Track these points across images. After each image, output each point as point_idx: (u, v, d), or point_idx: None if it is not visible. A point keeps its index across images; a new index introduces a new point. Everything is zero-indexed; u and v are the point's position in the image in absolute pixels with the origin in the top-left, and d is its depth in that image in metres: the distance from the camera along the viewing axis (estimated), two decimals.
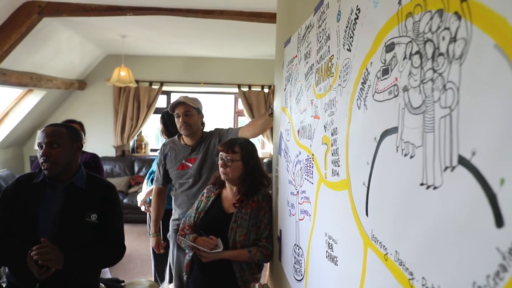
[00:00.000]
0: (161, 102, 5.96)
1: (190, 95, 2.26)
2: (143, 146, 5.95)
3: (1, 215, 1.64)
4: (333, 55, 0.94)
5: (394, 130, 0.60)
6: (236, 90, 5.83)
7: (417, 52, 0.54)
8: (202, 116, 2.27)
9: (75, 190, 1.64)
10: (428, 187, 0.50)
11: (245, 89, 5.77)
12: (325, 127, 0.99)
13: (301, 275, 1.22)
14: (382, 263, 0.62)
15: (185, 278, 1.95)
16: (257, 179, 1.85)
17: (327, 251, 0.93)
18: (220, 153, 1.81)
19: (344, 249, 0.82)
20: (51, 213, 1.58)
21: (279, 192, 1.63)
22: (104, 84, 5.56)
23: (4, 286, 1.68)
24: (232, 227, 1.76)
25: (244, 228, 1.76)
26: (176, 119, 2.21)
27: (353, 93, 0.78)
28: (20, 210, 1.59)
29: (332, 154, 0.92)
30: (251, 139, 2.00)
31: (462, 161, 0.43)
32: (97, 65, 5.62)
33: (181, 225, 1.95)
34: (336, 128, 0.90)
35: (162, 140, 3.10)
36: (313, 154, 1.11)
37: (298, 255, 1.26)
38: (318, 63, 1.08)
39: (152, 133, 6.26)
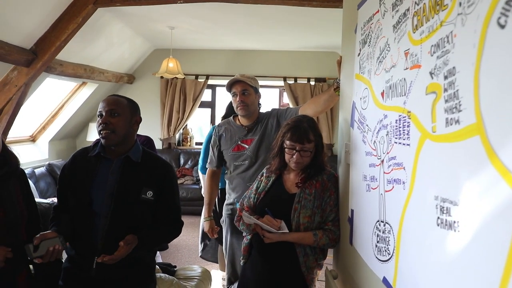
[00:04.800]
0: (207, 95, 5.97)
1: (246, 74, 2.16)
2: (189, 139, 5.99)
3: (62, 192, 1.64)
4: None
5: None
6: (281, 83, 5.70)
7: None
8: (260, 96, 2.17)
9: (131, 164, 1.59)
10: None
11: (291, 81, 5.64)
12: (431, 73, 0.84)
13: (388, 254, 1.06)
14: None
15: (241, 263, 1.85)
16: (321, 157, 1.71)
17: (438, 218, 0.78)
18: (293, 145, 1.62)
19: (472, 210, 0.67)
20: (107, 188, 1.55)
21: (351, 168, 1.48)
22: (151, 78, 5.65)
23: (63, 260, 1.67)
24: (295, 208, 1.63)
25: (308, 210, 1.62)
26: (232, 99, 2.12)
27: (489, 13, 0.63)
28: (76, 185, 1.57)
29: (446, 101, 0.76)
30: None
31: None
32: (145, 59, 5.73)
33: (238, 206, 1.85)
34: (453, 67, 0.74)
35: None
36: (408, 112, 0.96)
37: (383, 232, 1.11)
38: (417, 4, 0.93)
39: (196, 127, 6.29)
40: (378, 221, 1.15)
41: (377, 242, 1.15)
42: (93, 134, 5.18)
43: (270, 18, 3.99)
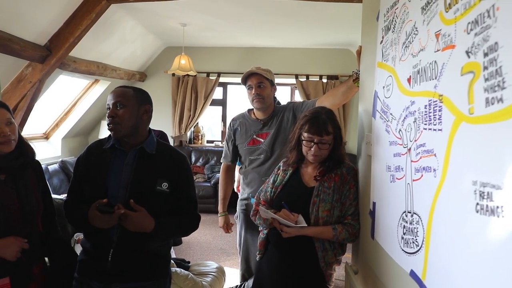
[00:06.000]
0: (218, 94, 5.95)
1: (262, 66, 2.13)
2: (200, 137, 5.98)
3: (77, 184, 1.62)
4: None
5: None
6: (293, 80, 5.66)
7: None
8: (275, 89, 2.13)
9: (145, 156, 1.56)
10: None
11: (303, 79, 5.59)
12: (468, 52, 0.79)
13: (417, 246, 1.02)
14: None
15: (257, 258, 1.82)
16: (340, 150, 1.67)
17: (478, 204, 0.73)
18: (311, 137, 1.58)
19: None
20: (121, 180, 1.52)
21: (373, 160, 1.43)
22: (163, 76, 5.66)
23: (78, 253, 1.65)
24: (314, 201, 1.59)
25: (327, 203, 1.58)
26: (248, 92, 2.09)
27: None
28: (91, 176, 1.55)
29: (487, 80, 0.72)
30: None
31: None
32: (157, 57, 5.75)
33: (255, 200, 1.82)
34: (495, 43, 0.70)
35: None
36: (440, 95, 0.91)
37: (410, 223, 1.06)
38: None
39: (208, 125, 6.26)
40: (405, 212, 1.11)
41: (404, 234, 1.11)
42: (105, 132, 5.20)
43: (281, 15, 3.95)
